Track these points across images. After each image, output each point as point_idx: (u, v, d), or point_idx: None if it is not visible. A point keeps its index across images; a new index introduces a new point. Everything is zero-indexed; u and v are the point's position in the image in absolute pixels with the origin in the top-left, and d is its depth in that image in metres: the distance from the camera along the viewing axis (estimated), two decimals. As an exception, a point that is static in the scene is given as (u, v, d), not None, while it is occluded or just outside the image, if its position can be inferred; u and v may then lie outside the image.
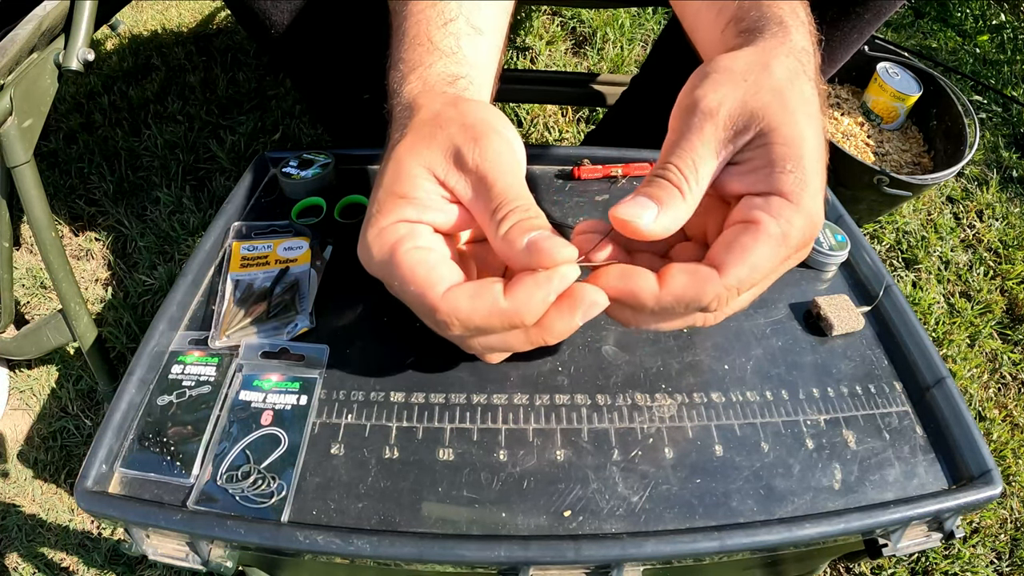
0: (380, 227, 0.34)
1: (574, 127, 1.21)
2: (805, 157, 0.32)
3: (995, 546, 0.78)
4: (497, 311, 0.31)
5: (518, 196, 0.33)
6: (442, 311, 0.32)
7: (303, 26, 0.62)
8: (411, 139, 0.35)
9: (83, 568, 0.74)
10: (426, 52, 0.40)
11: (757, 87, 0.33)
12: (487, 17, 0.43)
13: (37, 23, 0.54)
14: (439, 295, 0.32)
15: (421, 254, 0.33)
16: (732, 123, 0.33)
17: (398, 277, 0.33)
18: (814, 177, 0.32)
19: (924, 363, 0.43)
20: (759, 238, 0.32)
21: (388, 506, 0.35)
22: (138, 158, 1.13)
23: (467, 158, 0.33)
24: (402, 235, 0.33)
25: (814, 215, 0.32)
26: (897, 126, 1.09)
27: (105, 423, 0.38)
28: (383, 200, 0.34)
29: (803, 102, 0.33)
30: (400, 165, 0.34)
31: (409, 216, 0.34)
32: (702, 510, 0.36)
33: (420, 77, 0.38)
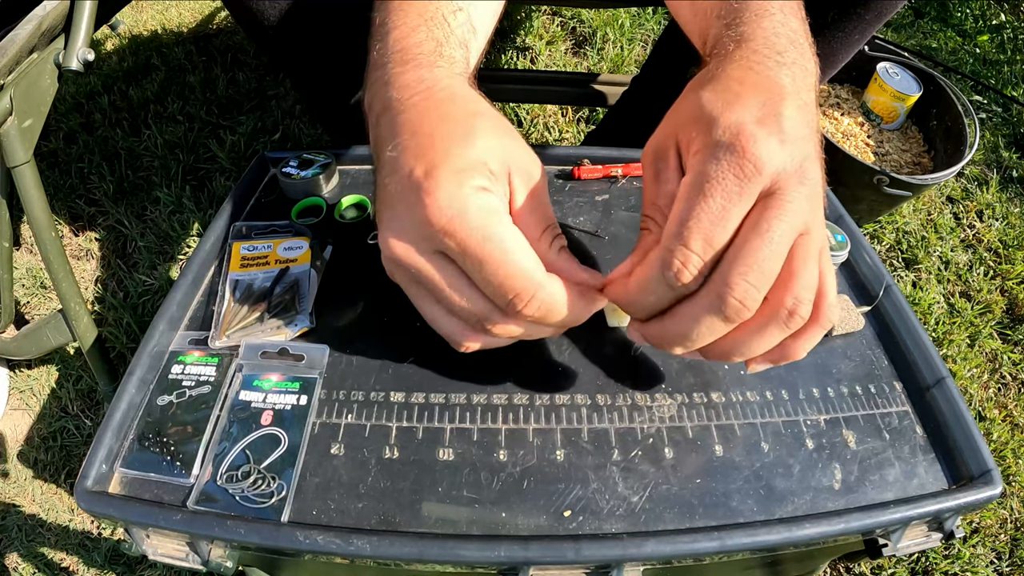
0: (471, 185, 0.31)
1: (574, 127, 1.21)
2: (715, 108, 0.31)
3: (995, 546, 0.78)
4: (581, 305, 0.34)
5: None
6: (544, 293, 0.32)
7: (301, 25, 0.62)
8: (469, 120, 0.33)
9: (83, 568, 0.74)
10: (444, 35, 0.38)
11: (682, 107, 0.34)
12: (484, 16, 0.43)
13: (37, 23, 0.54)
14: (544, 276, 0.32)
15: (518, 234, 0.32)
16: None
17: (495, 250, 0.31)
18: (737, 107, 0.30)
19: (924, 363, 0.43)
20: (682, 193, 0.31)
21: (388, 506, 0.35)
22: (138, 158, 1.13)
23: (513, 183, 0.34)
24: (497, 207, 0.32)
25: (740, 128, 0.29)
26: (897, 126, 1.09)
27: (105, 423, 0.38)
28: (460, 157, 0.31)
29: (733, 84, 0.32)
30: (473, 139, 0.32)
31: (490, 187, 0.32)
32: (702, 510, 0.36)
33: (448, 58, 0.36)
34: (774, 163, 0.29)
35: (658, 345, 0.34)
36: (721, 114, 0.30)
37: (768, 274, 0.30)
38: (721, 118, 0.30)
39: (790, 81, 0.32)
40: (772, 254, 0.29)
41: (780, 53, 0.33)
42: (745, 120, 0.29)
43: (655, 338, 0.34)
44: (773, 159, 0.29)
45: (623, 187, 0.56)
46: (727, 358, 0.34)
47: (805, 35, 0.36)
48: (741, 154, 0.29)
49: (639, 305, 0.33)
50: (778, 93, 0.31)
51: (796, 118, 0.30)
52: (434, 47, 0.37)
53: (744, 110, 0.30)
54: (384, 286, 0.45)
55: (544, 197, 0.35)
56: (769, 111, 0.30)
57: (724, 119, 0.30)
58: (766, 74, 0.32)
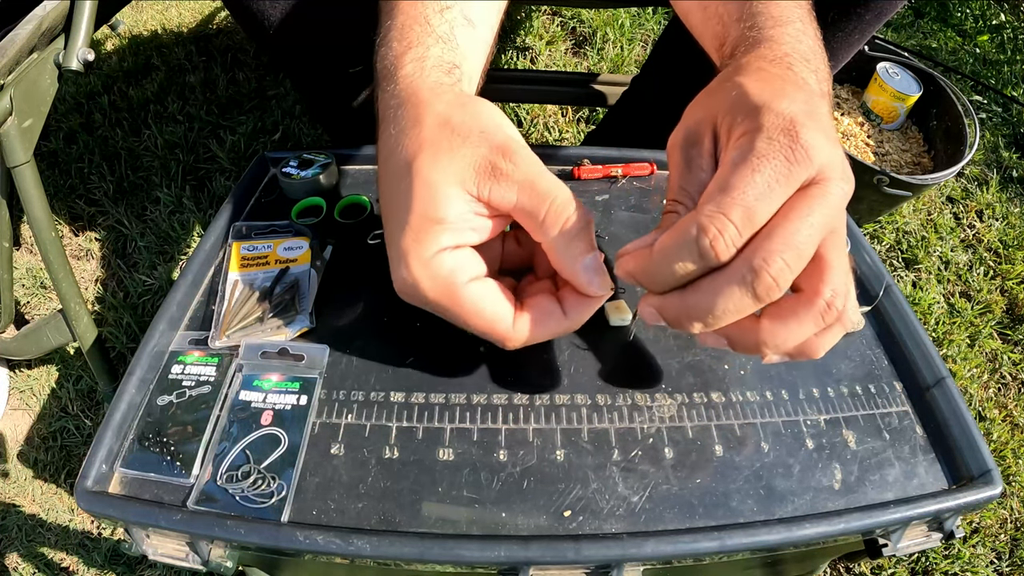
0: (424, 259, 0.33)
1: (574, 127, 1.21)
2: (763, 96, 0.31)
3: (995, 546, 0.78)
4: (560, 330, 0.36)
5: (567, 196, 0.33)
6: (514, 340, 0.35)
7: (301, 25, 0.62)
8: (432, 152, 0.33)
9: (83, 568, 0.74)
10: (423, 33, 0.38)
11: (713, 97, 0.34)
12: (481, 10, 0.42)
13: (37, 23, 0.54)
14: (510, 327, 0.35)
15: (481, 289, 0.35)
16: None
17: (460, 311, 0.34)
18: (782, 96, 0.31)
19: (924, 363, 0.43)
20: (725, 165, 0.30)
21: (388, 506, 0.35)
22: (138, 158, 1.13)
23: (503, 168, 0.33)
24: (452, 268, 0.34)
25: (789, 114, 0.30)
26: (897, 126, 1.09)
27: (105, 423, 0.38)
28: (419, 226, 0.33)
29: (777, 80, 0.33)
30: (428, 187, 0.33)
31: (448, 243, 0.33)
32: (702, 510, 0.36)
33: (417, 59, 0.37)
34: (823, 155, 0.29)
35: (674, 321, 0.32)
36: (771, 101, 0.30)
37: (803, 258, 0.29)
38: (772, 104, 0.30)
39: (817, 87, 0.33)
40: (809, 239, 0.29)
41: (807, 59, 0.34)
42: (796, 111, 0.30)
43: (673, 311, 0.32)
44: (822, 151, 0.29)
45: (623, 187, 0.56)
46: (756, 349, 0.33)
47: (821, 44, 0.37)
48: (795, 138, 0.29)
49: (660, 275, 0.32)
50: (815, 95, 0.32)
51: (831, 123, 0.32)
52: (403, 51, 0.38)
53: (792, 103, 0.30)
54: (384, 286, 0.45)
55: (546, 177, 0.34)
56: (813, 108, 0.30)
57: (776, 106, 0.30)
58: (801, 75, 0.33)
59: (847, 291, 0.31)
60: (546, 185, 0.33)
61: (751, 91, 0.31)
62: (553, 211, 0.33)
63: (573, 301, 0.35)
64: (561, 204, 0.33)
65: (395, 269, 0.35)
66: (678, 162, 0.35)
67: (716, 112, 0.33)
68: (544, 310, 0.35)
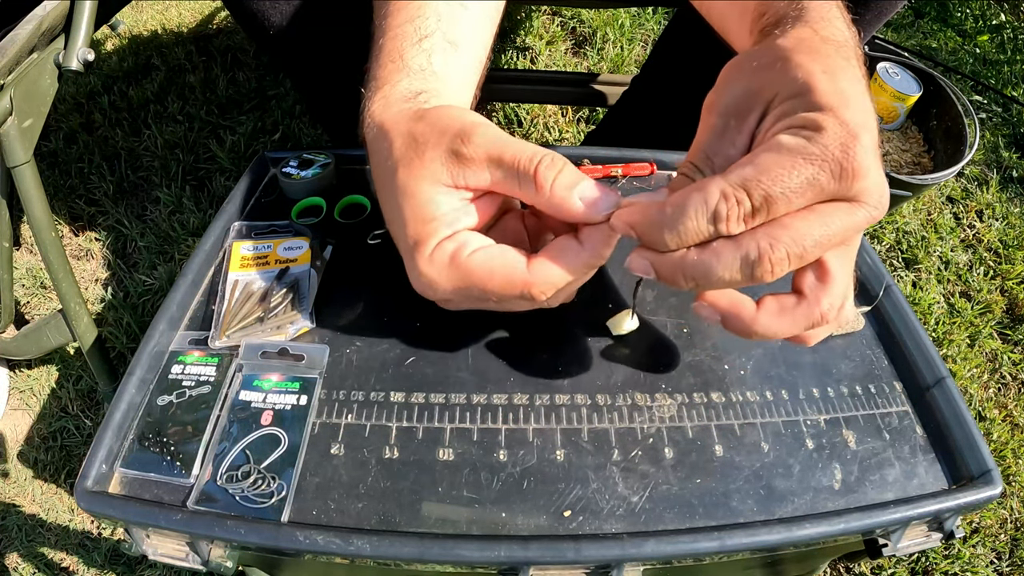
0: (427, 256, 0.35)
1: (574, 127, 1.21)
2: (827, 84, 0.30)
3: (995, 546, 0.78)
4: (580, 263, 0.34)
5: (533, 151, 0.34)
6: (538, 285, 0.34)
7: (302, 26, 0.62)
8: (404, 169, 0.36)
9: (83, 568, 0.74)
10: (395, 70, 0.40)
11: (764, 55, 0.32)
12: (466, 30, 0.43)
13: (37, 23, 0.54)
14: (526, 271, 0.34)
15: (483, 252, 0.35)
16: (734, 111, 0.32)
17: (476, 281, 0.34)
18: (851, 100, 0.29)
19: (924, 363, 0.43)
20: (770, 147, 0.29)
21: (388, 506, 0.35)
22: (138, 158, 1.13)
23: (465, 152, 0.34)
24: (454, 250, 0.35)
25: (855, 131, 0.29)
26: (897, 126, 1.09)
27: (105, 423, 0.38)
28: (415, 232, 0.35)
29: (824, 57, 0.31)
30: (412, 196, 0.35)
31: (444, 234, 0.35)
32: (702, 510, 0.36)
33: (383, 96, 0.39)
34: (867, 181, 0.29)
35: (667, 276, 0.32)
36: (839, 106, 0.29)
37: (805, 259, 0.30)
38: (839, 110, 0.29)
39: (866, 83, 0.32)
40: (818, 245, 0.29)
41: (856, 51, 0.33)
42: (859, 125, 0.29)
43: (668, 267, 0.32)
44: (868, 177, 0.29)
45: (623, 187, 0.56)
46: (745, 333, 0.34)
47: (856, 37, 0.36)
48: (849, 156, 0.28)
49: (665, 230, 0.31)
50: (870, 101, 0.31)
51: (878, 137, 0.31)
52: (375, 89, 0.40)
53: (857, 113, 0.29)
54: (384, 286, 0.46)
55: (511, 143, 0.34)
56: (871, 122, 0.30)
57: (842, 113, 0.29)
58: (859, 71, 0.32)
59: (844, 302, 0.32)
60: (511, 152, 0.34)
61: (818, 84, 0.30)
62: (524, 172, 0.33)
63: (587, 231, 0.34)
64: (528, 160, 0.33)
65: (413, 279, 0.37)
66: (712, 126, 0.33)
67: (772, 90, 0.31)
68: (558, 246, 0.35)
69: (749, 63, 0.33)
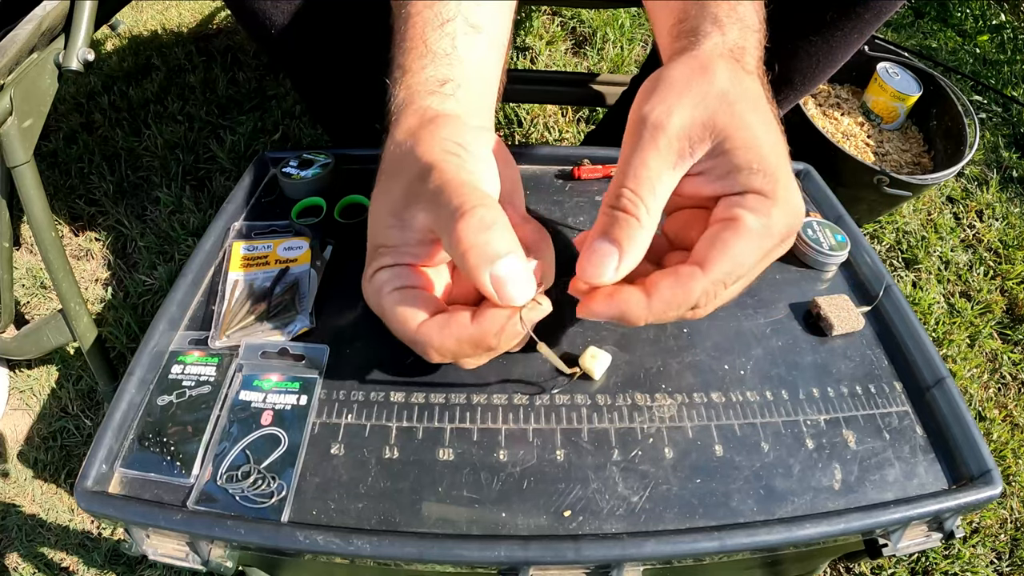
0: (366, 277, 0.37)
1: (574, 127, 1.21)
2: (766, 155, 0.33)
3: (995, 546, 0.78)
4: (466, 337, 0.34)
5: (466, 199, 0.32)
6: (418, 343, 0.35)
7: (303, 26, 0.62)
8: (381, 183, 0.37)
9: (83, 568, 0.74)
10: (419, 55, 0.40)
11: (702, 95, 0.32)
12: (487, 14, 0.43)
13: (37, 23, 0.54)
14: (414, 329, 0.35)
15: (399, 295, 0.36)
16: (686, 135, 0.32)
17: (385, 316, 0.36)
18: (781, 169, 0.33)
19: (924, 363, 0.43)
20: (740, 233, 0.33)
21: (388, 506, 0.35)
22: (138, 158, 1.13)
23: (417, 190, 0.34)
24: (383, 281, 0.36)
25: (793, 204, 0.33)
26: (897, 126, 1.09)
27: (105, 423, 0.38)
28: (369, 251, 0.38)
29: (748, 99, 0.33)
30: (374, 217, 0.37)
31: (385, 263, 0.37)
32: (702, 510, 0.36)
33: (406, 85, 0.39)
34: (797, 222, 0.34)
35: (610, 320, 0.35)
36: (778, 186, 0.33)
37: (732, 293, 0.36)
38: (778, 193, 0.33)
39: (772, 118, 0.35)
40: (753, 276, 0.35)
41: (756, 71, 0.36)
42: (793, 196, 0.33)
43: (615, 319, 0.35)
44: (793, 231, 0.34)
45: (623, 187, 0.56)
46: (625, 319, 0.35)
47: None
48: (791, 229, 0.34)
49: (647, 320, 0.34)
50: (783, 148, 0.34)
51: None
52: (399, 77, 0.40)
53: (790, 189, 0.33)
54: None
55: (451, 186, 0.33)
56: (786, 165, 0.34)
57: (783, 196, 0.33)
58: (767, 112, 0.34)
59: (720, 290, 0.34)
60: (447, 199, 0.32)
61: (709, 112, 0.32)
62: (447, 228, 0.32)
63: (487, 311, 0.34)
64: (456, 209, 0.32)
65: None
66: (658, 148, 0.33)
67: (671, 112, 0.32)
68: (453, 317, 0.34)
69: (686, 86, 0.33)
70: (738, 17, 0.37)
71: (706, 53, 0.35)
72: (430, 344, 0.34)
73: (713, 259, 0.33)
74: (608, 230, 0.33)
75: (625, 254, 0.33)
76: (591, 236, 0.34)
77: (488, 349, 0.35)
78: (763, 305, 0.47)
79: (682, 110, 0.32)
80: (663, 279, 0.33)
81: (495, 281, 0.32)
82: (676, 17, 0.39)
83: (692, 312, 0.35)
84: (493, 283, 0.32)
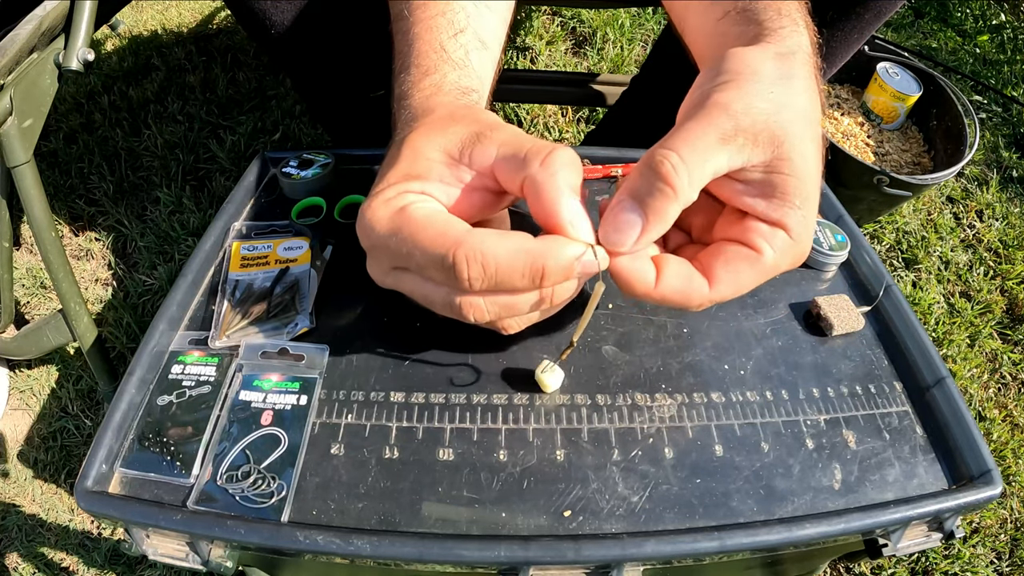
0: (386, 196, 0.33)
1: (574, 127, 1.21)
2: (811, 194, 0.33)
3: (995, 546, 0.78)
4: (525, 250, 0.30)
5: (552, 144, 0.33)
6: (465, 246, 0.30)
7: (303, 26, 0.62)
8: (424, 129, 0.35)
9: (83, 568, 0.74)
10: (440, 60, 0.40)
11: (783, 105, 0.31)
12: (491, 31, 0.44)
13: (37, 23, 0.54)
14: (462, 233, 0.30)
15: (430, 205, 0.33)
16: (753, 136, 0.31)
17: (410, 228, 0.31)
18: (812, 211, 0.33)
19: (924, 363, 0.43)
20: (755, 266, 0.33)
21: (388, 506, 0.35)
22: (138, 158, 1.13)
23: (488, 134, 0.33)
24: (411, 200, 0.33)
25: (806, 247, 0.34)
26: (897, 126, 1.09)
27: (105, 423, 0.38)
28: (392, 179, 0.34)
29: (815, 125, 0.32)
30: (416, 150, 0.34)
31: (414, 188, 0.34)
32: (702, 510, 0.36)
33: (434, 84, 0.39)
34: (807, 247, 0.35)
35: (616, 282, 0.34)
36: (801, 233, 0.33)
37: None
38: (794, 224, 0.33)
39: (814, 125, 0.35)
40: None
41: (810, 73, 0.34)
42: (808, 238, 0.34)
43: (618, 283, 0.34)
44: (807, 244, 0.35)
45: (623, 187, 0.56)
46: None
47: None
48: (792, 267, 0.35)
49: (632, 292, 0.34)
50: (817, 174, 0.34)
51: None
52: (420, 77, 0.39)
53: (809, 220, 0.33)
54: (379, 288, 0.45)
55: (520, 134, 0.34)
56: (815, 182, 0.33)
57: (798, 228, 0.33)
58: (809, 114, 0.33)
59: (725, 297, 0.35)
60: (530, 137, 0.33)
61: (783, 126, 0.31)
62: (535, 147, 0.32)
63: (548, 237, 0.31)
64: (543, 143, 0.32)
65: (360, 211, 0.34)
66: (718, 128, 0.31)
67: (747, 109, 0.31)
68: (512, 233, 0.31)
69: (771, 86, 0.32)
70: (804, 13, 0.37)
71: (789, 54, 0.33)
72: (479, 249, 0.30)
73: (721, 280, 0.33)
74: (640, 196, 0.31)
75: (650, 226, 0.31)
76: (619, 194, 0.32)
77: (541, 279, 0.31)
78: (763, 305, 0.47)
79: (758, 113, 0.30)
80: (674, 275, 0.33)
81: (571, 212, 0.31)
82: (729, 4, 0.37)
83: (681, 308, 0.36)
84: (568, 213, 0.31)
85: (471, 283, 0.31)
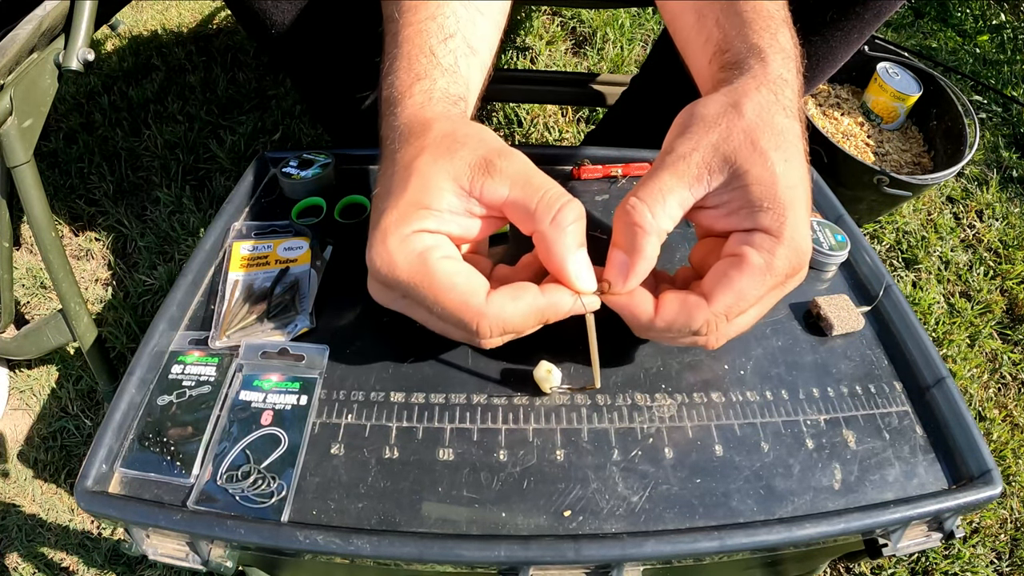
0: (403, 235, 0.34)
1: (574, 127, 1.21)
2: (779, 193, 0.34)
3: (995, 546, 0.78)
4: (538, 306, 0.35)
5: (560, 193, 0.35)
6: (488, 316, 0.34)
7: (303, 26, 0.62)
8: (430, 154, 0.35)
9: (83, 568, 0.74)
10: (430, 65, 0.40)
11: (728, 132, 0.35)
12: (481, 37, 0.44)
13: (37, 23, 0.54)
14: (484, 302, 0.34)
15: (455, 264, 0.35)
16: (705, 164, 0.35)
17: (434, 286, 0.34)
18: (792, 209, 0.34)
19: (924, 363, 0.43)
20: (743, 269, 0.34)
21: (388, 506, 0.35)
22: (138, 158, 1.13)
23: (496, 164, 0.34)
24: (429, 245, 0.34)
25: (798, 244, 0.34)
26: (897, 126, 1.09)
27: (105, 423, 0.38)
28: (404, 209, 0.34)
29: (775, 136, 0.34)
30: (426, 178, 0.35)
31: (429, 227, 0.35)
32: (702, 510, 0.36)
33: (425, 91, 0.39)
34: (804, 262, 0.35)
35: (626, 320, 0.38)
36: (786, 225, 0.34)
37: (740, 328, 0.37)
38: (785, 234, 0.34)
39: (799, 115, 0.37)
40: (764, 309, 0.37)
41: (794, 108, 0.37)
42: (804, 241, 0.35)
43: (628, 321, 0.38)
44: (805, 261, 0.35)
45: (623, 187, 0.56)
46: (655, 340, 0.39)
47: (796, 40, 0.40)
48: (796, 271, 0.35)
49: (648, 334, 0.38)
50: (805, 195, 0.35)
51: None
52: (411, 82, 0.40)
53: (801, 232, 0.34)
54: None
55: (541, 176, 0.35)
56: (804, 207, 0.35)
57: (789, 238, 0.34)
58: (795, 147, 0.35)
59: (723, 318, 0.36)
60: (539, 180, 0.35)
61: (731, 148, 0.34)
62: (545, 201, 0.34)
63: (553, 285, 0.36)
64: (554, 196, 0.34)
65: (371, 247, 0.35)
66: (674, 170, 0.35)
67: (696, 147, 0.35)
68: (520, 286, 0.35)
69: (715, 123, 0.35)
70: (780, 47, 0.38)
71: (744, 88, 0.36)
72: (500, 317, 0.34)
73: (716, 292, 0.35)
74: (617, 239, 0.36)
75: (635, 262, 0.35)
76: (610, 246, 0.37)
77: (545, 322, 0.36)
78: (763, 305, 0.47)
79: (706, 147, 0.35)
80: (671, 300, 0.36)
81: (576, 266, 0.35)
82: (716, 46, 0.40)
83: (702, 340, 0.36)
84: (574, 268, 0.35)
85: (489, 341, 0.35)
